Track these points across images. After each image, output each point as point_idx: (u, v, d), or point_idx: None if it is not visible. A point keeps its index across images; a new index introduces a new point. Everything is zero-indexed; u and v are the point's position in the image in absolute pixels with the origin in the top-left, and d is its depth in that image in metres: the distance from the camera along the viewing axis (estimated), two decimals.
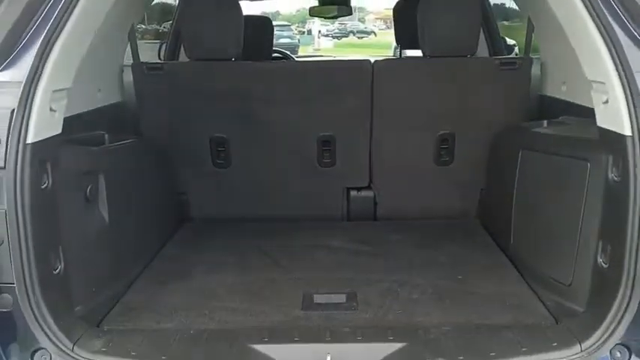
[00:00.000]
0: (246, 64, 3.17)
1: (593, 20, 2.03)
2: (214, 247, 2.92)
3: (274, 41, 4.82)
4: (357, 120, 3.18)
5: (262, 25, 4.37)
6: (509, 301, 2.28)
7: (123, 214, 2.51)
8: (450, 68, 3.11)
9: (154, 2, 3.69)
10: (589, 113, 2.62)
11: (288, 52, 6.02)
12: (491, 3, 4.67)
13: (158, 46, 4.63)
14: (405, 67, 3.21)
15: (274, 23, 5.25)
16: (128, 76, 3.13)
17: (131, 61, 3.18)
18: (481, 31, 4.00)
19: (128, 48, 3.18)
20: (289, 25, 26.80)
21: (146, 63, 3.15)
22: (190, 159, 3.25)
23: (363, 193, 3.33)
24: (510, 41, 5.05)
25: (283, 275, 2.55)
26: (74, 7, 1.98)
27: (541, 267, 2.40)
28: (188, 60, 3.19)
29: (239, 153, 3.22)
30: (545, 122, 2.86)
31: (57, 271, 2.03)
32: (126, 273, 2.51)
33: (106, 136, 2.66)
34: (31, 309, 1.90)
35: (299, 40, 27.45)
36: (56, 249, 2.04)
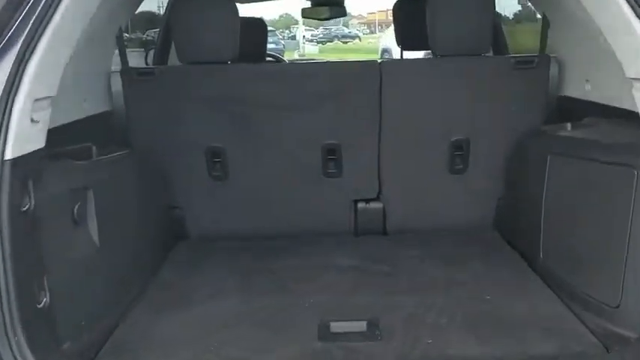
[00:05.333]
0: (243, 67, 2.94)
1: (636, 13, 1.84)
2: (214, 268, 2.67)
3: None
4: (364, 127, 2.96)
5: (256, 27, 4.13)
6: (550, 326, 2.05)
7: (114, 235, 2.26)
8: (463, 68, 2.90)
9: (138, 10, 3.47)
10: (618, 114, 2.43)
11: (281, 57, 5.79)
12: None
13: (144, 54, 4.41)
14: (415, 68, 2.99)
15: None
16: (116, 83, 2.88)
17: (119, 67, 2.94)
18: None
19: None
20: (274, 31, 26.58)
21: (136, 68, 2.91)
22: (185, 171, 3.00)
23: (372, 205, 3.10)
24: None
25: (293, 300, 2.31)
26: (57, 5, 1.74)
27: (581, 286, 2.18)
28: (180, 64, 2.95)
29: (237, 164, 2.98)
30: (569, 125, 2.66)
31: (41, 304, 1.78)
32: (119, 303, 2.26)
33: (94, 148, 2.41)
34: (12, 352, 1.65)
35: (284, 46, 27.27)
36: (40, 280, 1.79)
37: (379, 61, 2.97)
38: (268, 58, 5.51)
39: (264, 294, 2.38)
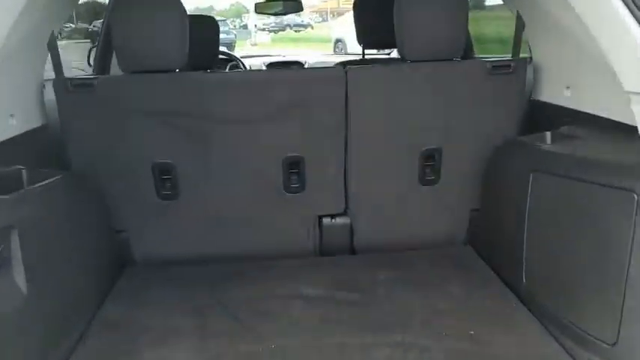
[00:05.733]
0: (193, 75, 2.65)
1: (634, 16, 1.65)
2: (164, 301, 2.39)
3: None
4: (329, 137, 2.71)
5: (206, 26, 3.83)
6: None
7: (47, 278, 1.96)
8: (435, 74, 2.68)
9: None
10: (603, 125, 2.26)
11: (234, 54, 5.47)
12: None
13: (87, 48, 4.07)
14: (384, 74, 2.75)
15: None
16: (50, 94, 2.56)
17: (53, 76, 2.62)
18: None
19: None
20: (225, 20, 26.01)
21: (72, 79, 2.58)
22: (130, 190, 2.70)
23: (338, 220, 2.87)
24: None
25: (256, 344, 2.05)
26: None
27: (572, 319, 1.98)
28: (122, 73, 2.64)
29: (189, 181, 2.70)
30: (548, 135, 2.47)
31: None
32: (56, 353, 1.96)
33: (24, 172, 2.10)
34: None
35: (235, 35, 26.78)
36: None
37: (345, 67, 2.71)
38: (220, 56, 5.21)
39: (221, 335, 2.12)
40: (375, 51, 5.18)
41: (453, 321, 2.16)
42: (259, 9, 5.06)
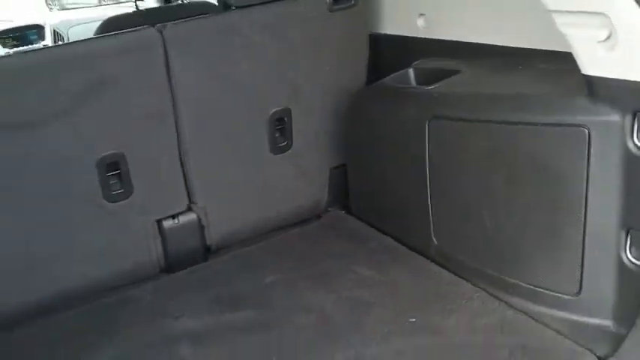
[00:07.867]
0: None
1: None
2: None
3: None
4: (154, 121, 2.10)
5: None
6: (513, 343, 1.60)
7: None
8: (269, 20, 2.19)
9: None
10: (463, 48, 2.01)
11: None
12: None
13: None
14: (209, 28, 2.16)
15: None
16: None
17: None
18: None
19: None
20: None
21: None
22: None
23: (183, 219, 2.29)
24: None
25: None
26: None
27: (519, 275, 1.74)
28: None
29: None
30: (411, 73, 2.20)
31: None
32: None
33: None
34: None
35: None
36: None
37: (158, 25, 2.08)
38: None
39: None
40: None
41: (383, 311, 1.81)
42: None
